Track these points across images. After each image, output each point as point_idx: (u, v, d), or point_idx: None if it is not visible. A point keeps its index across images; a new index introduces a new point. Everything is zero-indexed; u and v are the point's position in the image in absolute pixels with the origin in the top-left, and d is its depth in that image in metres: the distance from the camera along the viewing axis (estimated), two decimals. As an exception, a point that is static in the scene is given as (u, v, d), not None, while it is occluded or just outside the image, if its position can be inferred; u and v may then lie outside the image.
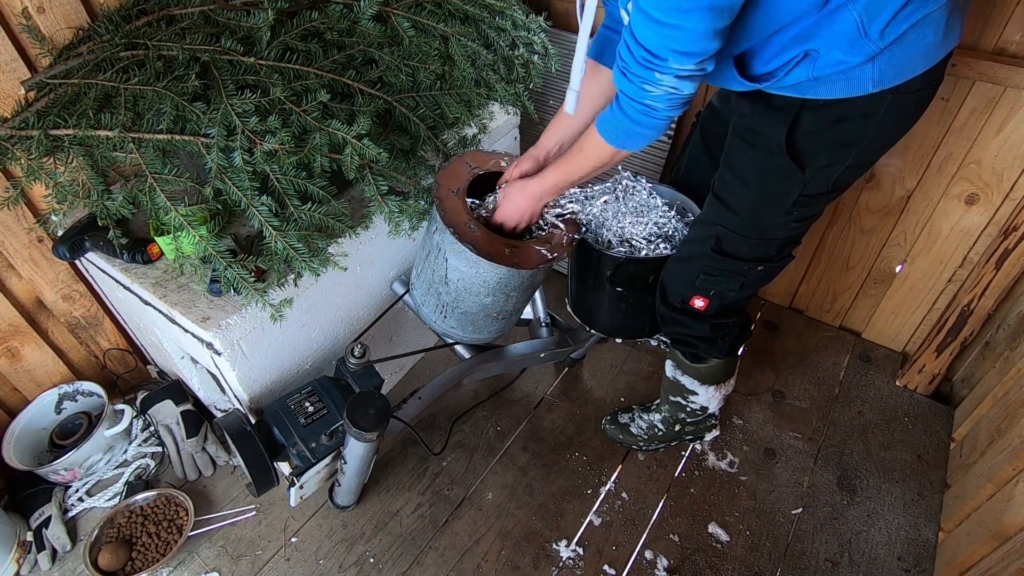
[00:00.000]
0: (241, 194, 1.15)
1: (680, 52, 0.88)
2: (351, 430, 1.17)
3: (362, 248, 1.40)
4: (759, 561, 1.48)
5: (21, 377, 1.59)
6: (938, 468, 1.65)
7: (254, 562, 1.48)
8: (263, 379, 1.36)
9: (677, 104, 0.96)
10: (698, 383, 1.49)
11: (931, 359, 1.74)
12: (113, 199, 1.21)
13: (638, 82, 0.94)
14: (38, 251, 1.48)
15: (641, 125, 1.01)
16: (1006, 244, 1.46)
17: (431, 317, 1.38)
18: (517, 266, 1.19)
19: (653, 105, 0.96)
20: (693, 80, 0.92)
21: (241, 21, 1.28)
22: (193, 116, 1.15)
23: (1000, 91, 1.37)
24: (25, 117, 1.19)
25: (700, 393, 1.51)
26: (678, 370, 1.50)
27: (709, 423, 1.67)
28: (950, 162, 1.52)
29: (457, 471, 1.66)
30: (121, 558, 1.42)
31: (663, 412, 1.63)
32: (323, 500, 1.58)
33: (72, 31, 1.31)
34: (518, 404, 1.82)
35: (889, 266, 1.77)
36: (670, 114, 0.98)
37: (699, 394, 1.51)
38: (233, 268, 1.17)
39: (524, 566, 1.47)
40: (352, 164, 1.22)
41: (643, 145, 1.07)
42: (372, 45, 1.37)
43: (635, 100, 0.98)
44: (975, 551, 1.30)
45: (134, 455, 1.64)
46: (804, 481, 1.64)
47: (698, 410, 1.56)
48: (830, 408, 1.80)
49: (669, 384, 1.55)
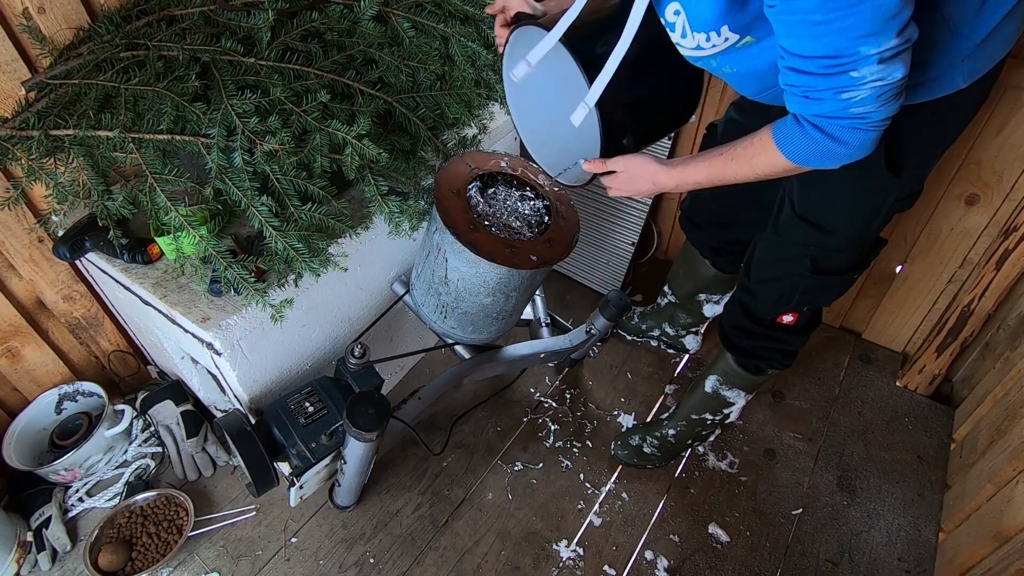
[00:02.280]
0: (241, 194, 1.15)
1: (871, 35, 0.70)
2: (351, 430, 1.17)
3: (362, 248, 1.40)
4: (759, 562, 1.48)
5: (21, 377, 1.59)
6: (938, 468, 1.65)
7: (254, 562, 1.48)
8: (263, 379, 1.36)
9: (890, 97, 0.77)
10: (744, 393, 1.47)
11: (931, 359, 1.74)
12: (113, 199, 1.21)
13: (831, 96, 0.77)
14: (38, 251, 1.48)
15: (851, 145, 0.82)
16: (1006, 244, 1.46)
17: (431, 317, 1.38)
18: (517, 266, 1.19)
19: (861, 112, 0.78)
20: (902, 57, 0.74)
21: (241, 21, 1.28)
22: (193, 116, 1.15)
23: (1000, 91, 1.37)
24: (25, 117, 1.20)
25: (739, 403, 1.49)
26: (725, 385, 1.47)
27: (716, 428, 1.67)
28: (950, 162, 1.51)
29: (457, 471, 1.66)
30: (121, 558, 1.42)
31: (678, 427, 1.60)
32: (323, 500, 1.58)
33: (72, 31, 1.31)
34: (518, 404, 1.82)
35: (889, 266, 1.77)
36: (885, 114, 0.79)
37: (737, 403, 1.49)
38: (233, 268, 1.17)
39: (524, 566, 1.47)
40: (352, 164, 1.22)
41: (848, 162, 0.86)
42: (372, 45, 1.37)
43: (836, 117, 0.80)
44: (975, 552, 1.30)
45: (134, 455, 1.64)
46: (804, 481, 1.63)
47: (721, 420, 1.55)
48: (830, 408, 1.80)
49: (705, 400, 1.51)
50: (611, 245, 2.03)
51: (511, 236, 1.26)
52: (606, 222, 2.02)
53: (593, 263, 2.12)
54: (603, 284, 2.13)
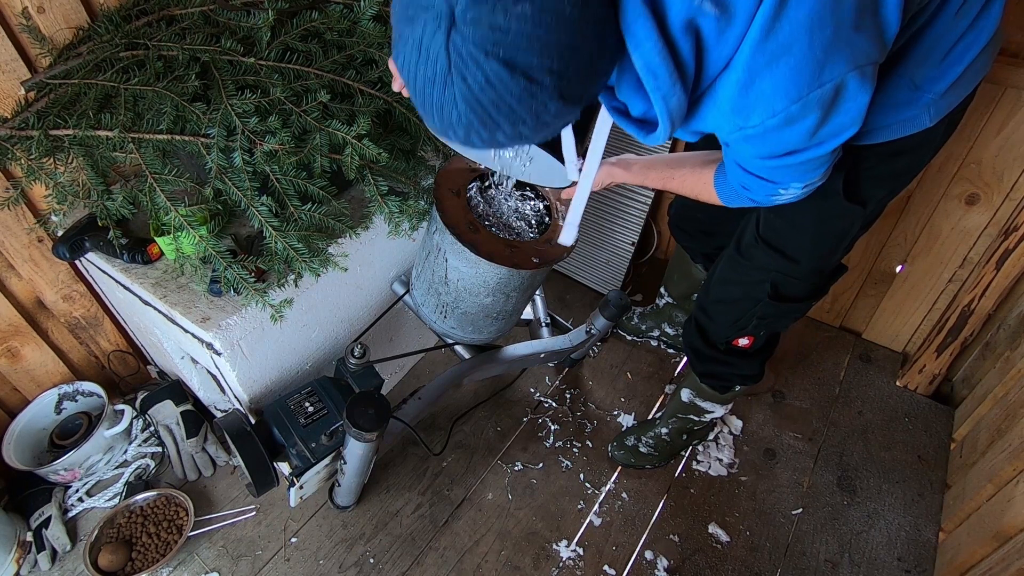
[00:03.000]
0: (241, 194, 1.15)
1: (800, 177, 0.81)
2: (351, 430, 1.16)
3: (362, 248, 1.40)
4: (759, 561, 1.48)
5: (21, 377, 1.59)
6: (938, 468, 1.65)
7: (254, 562, 1.48)
8: (263, 379, 1.35)
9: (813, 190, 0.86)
10: (719, 405, 1.49)
11: (931, 359, 1.74)
12: (113, 199, 1.21)
13: (763, 195, 0.87)
14: (38, 251, 1.48)
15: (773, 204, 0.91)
16: (1006, 244, 1.46)
17: (431, 317, 1.38)
18: (517, 266, 1.19)
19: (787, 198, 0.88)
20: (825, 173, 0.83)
21: (241, 21, 1.28)
22: (193, 116, 1.15)
23: (1000, 91, 1.37)
24: (25, 117, 1.19)
25: (717, 411, 1.51)
26: (698, 397, 1.49)
27: (713, 426, 1.67)
28: (950, 162, 1.51)
29: (457, 471, 1.65)
30: (121, 558, 1.42)
31: (669, 425, 1.62)
32: (323, 500, 1.58)
33: (72, 31, 1.31)
34: (518, 404, 1.82)
35: (889, 266, 1.77)
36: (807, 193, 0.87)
37: (715, 412, 1.51)
38: (233, 268, 1.17)
39: (524, 566, 1.47)
40: (352, 164, 1.22)
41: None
42: (372, 45, 1.37)
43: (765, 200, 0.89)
44: (975, 551, 1.30)
45: (134, 455, 1.64)
46: (804, 481, 1.63)
47: (708, 422, 1.57)
48: (830, 408, 1.80)
49: (683, 407, 1.54)
50: (611, 245, 2.03)
51: (511, 236, 1.26)
52: (606, 222, 2.02)
53: (593, 263, 2.12)
54: (603, 284, 2.13)
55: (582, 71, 0.61)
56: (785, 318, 1.21)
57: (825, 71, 0.64)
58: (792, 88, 0.65)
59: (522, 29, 0.56)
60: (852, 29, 0.64)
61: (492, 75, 0.58)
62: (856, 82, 0.67)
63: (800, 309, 1.19)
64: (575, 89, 0.62)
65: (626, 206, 1.96)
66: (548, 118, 0.63)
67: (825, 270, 1.15)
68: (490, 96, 0.60)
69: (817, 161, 0.78)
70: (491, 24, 0.56)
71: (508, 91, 0.59)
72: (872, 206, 1.03)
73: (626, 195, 1.92)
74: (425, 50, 0.60)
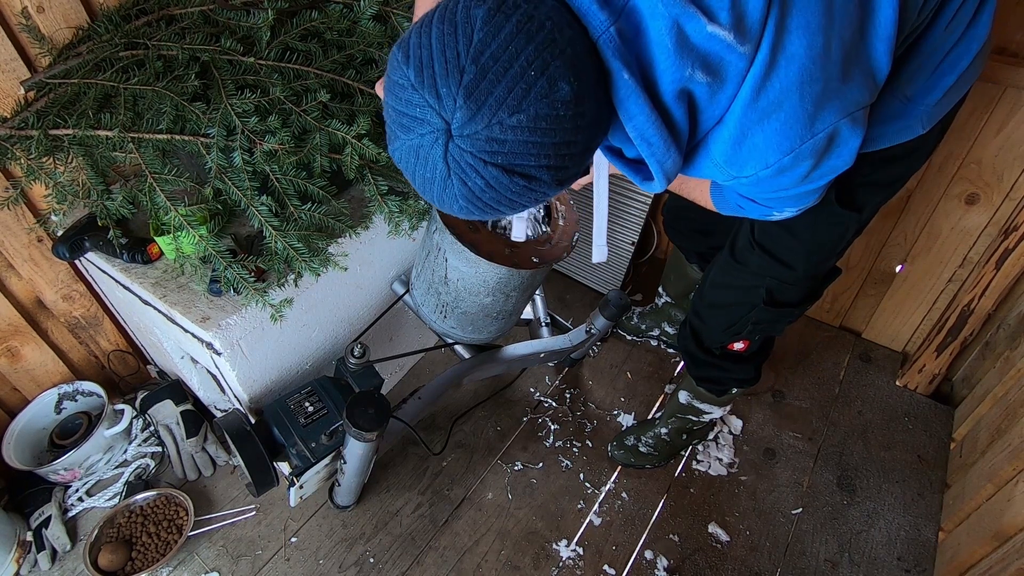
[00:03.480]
0: (241, 194, 1.15)
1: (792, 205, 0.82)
2: (351, 430, 1.17)
3: (362, 248, 1.40)
4: (759, 561, 1.48)
5: (21, 377, 1.59)
6: (938, 468, 1.65)
7: (254, 562, 1.48)
8: (263, 379, 1.35)
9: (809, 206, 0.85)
10: (717, 407, 1.49)
11: (931, 359, 1.74)
12: (113, 199, 1.21)
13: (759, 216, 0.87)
14: (38, 251, 1.48)
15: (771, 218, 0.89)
16: (1006, 244, 1.46)
17: (431, 317, 1.38)
18: (517, 266, 1.19)
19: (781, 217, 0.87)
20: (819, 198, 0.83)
21: (241, 21, 1.28)
22: (193, 116, 1.15)
23: (1000, 91, 1.37)
24: (25, 117, 1.19)
25: (714, 412, 1.51)
26: (695, 399, 1.49)
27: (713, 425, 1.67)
28: (950, 162, 1.51)
29: (457, 471, 1.66)
30: (121, 558, 1.42)
31: (669, 425, 1.62)
32: (323, 500, 1.58)
33: (72, 31, 1.31)
34: (518, 404, 1.82)
35: (889, 266, 1.77)
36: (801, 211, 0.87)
37: (713, 413, 1.51)
38: (233, 268, 1.17)
39: (524, 566, 1.47)
40: (352, 164, 1.22)
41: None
42: (372, 45, 1.37)
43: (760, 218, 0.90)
44: (975, 551, 1.30)
45: (134, 455, 1.64)
46: (804, 481, 1.63)
47: (707, 422, 1.57)
48: (830, 408, 1.80)
49: (681, 408, 1.54)
50: (611, 245, 2.03)
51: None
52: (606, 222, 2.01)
53: (593, 263, 2.12)
54: (603, 284, 2.13)
55: (578, 158, 0.63)
56: (779, 323, 1.22)
57: (817, 123, 0.65)
58: (784, 141, 0.66)
59: (518, 138, 0.57)
60: (842, 81, 0.64)
61: (491, 179, 0.60)
62: (848, 129, 0.67)
63: (795, 314, 1.20)
64: (572, 173, 0.64)
65: (626, 206, 1.96)
66: (547, 198, 0.67)
67: (820, 275, 1.16)
68: (491, 195, 0.62)
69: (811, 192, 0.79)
70: (488, 137, 0.57)
71: (507, 190, 0.61)
72: (868, 211, 1.03)
73: (626, 195, 1.92)
74: (423, 157, 0.62)
